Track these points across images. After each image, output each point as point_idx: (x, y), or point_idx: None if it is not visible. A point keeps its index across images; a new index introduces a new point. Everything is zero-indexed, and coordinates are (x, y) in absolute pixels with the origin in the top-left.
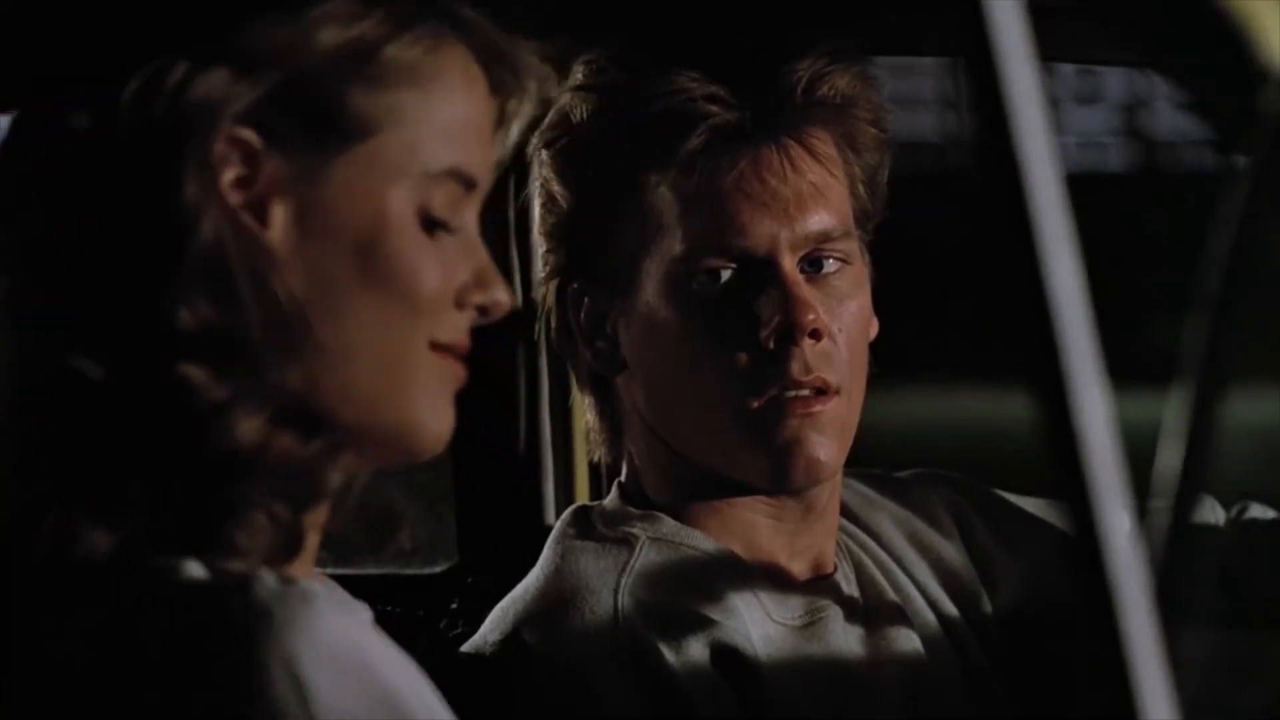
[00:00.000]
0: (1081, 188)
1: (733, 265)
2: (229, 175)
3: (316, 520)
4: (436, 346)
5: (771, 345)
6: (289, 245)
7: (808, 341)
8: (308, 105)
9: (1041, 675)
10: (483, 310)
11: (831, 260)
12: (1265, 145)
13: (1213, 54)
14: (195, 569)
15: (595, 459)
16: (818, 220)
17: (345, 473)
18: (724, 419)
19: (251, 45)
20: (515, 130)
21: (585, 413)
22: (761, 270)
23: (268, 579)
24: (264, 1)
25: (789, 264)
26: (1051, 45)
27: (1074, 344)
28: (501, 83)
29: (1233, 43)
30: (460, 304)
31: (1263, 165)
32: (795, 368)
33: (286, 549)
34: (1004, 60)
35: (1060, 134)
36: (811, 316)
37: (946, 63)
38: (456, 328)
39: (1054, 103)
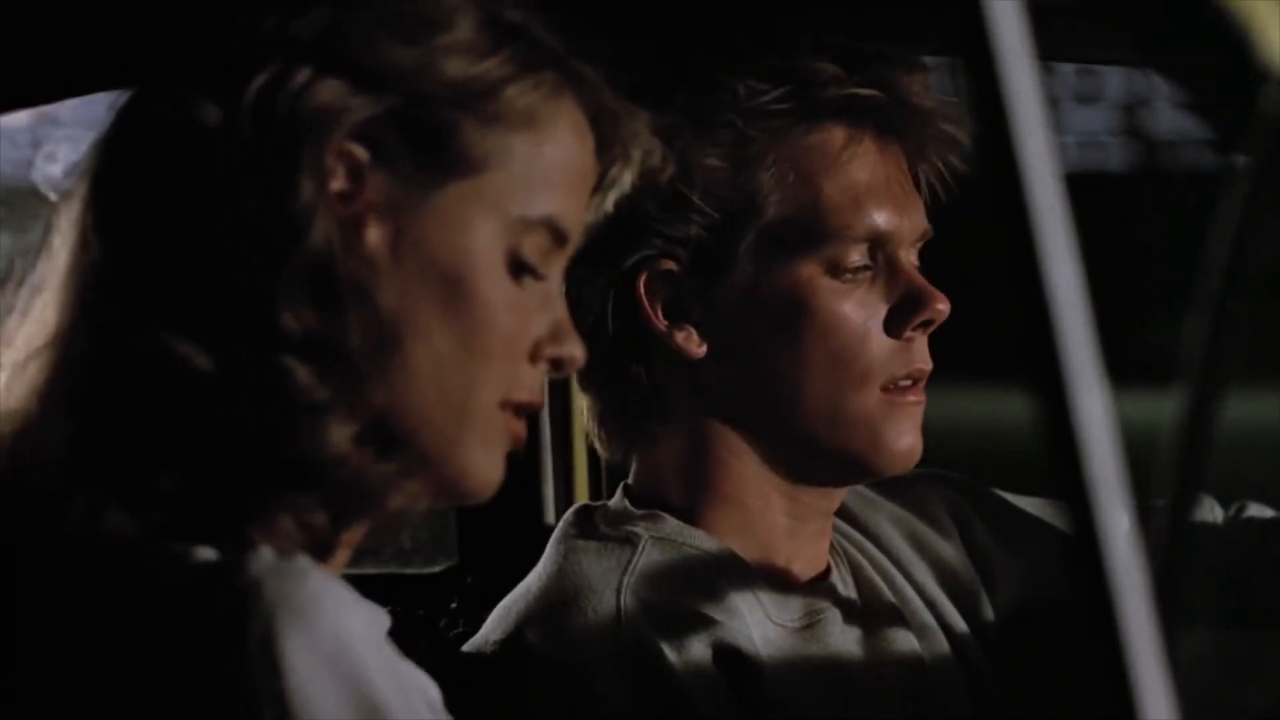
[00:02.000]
0: (1081, 187)
1: (869, 253)
2: (334, 186)
3: (352, 538)
4: (508, 405)
5: (908, 334)
6: (381, 268)
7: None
8: (421, 131)
9: (1041, 675)
10: (555, 364)
11: (917, 259)
12: (1265, 145)
13: (1213, 54)
14: (205, 552)
15: (604, 455)
16: (922, 219)
17: (405, 499)
18: (844, 402)
19: (376, 62)
20: (612, 198)
21: (598, 403)
22: (892, 260)
23: (265, 554)
24: (395, 21)
25: (909, 256)
26: (1051, 45)
27: (1074, 344)
28: (608, 145)
29: (1233, 43)
30: (535, 358)
31: (1263, 165)
32: (922, 356)
33: (316, 555)
34: (1004, 60)
35: (1060, 134)
36: (945, 308)
37: (946, 63)
38: (531, 386)
39: (1054, 103)
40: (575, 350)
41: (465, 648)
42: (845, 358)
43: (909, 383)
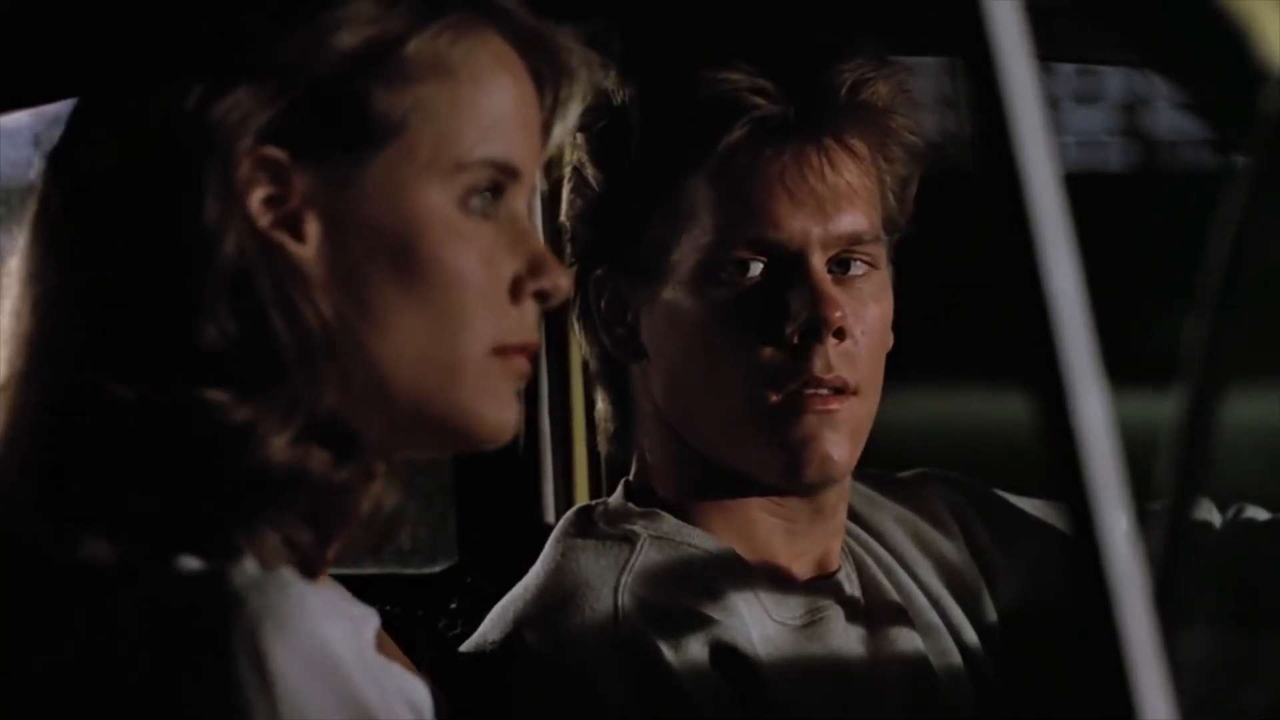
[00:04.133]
0: (1081, 187)
1: (763, 259)
2: (259, 195)
3: (338, 545)
4: (501, 350)
5: (796, 340)
6: (326, 258)
7: (831, 340)
8: (332, 113)
9: (1041, 675)
10: (542, 297)
11: (859, 263)
12: (1265, 145)
13: (1213, 54)
14: (189, 562)
15: (605, 453)
16: (850, 221)
17: (373, 501)
18: (741, 411)
19: (269, 58)
20: (572, 116)
21: (598, 403)
22: (791, 266)
23: (248, 566)
24: (278, 11)
25: (819, 262)
26: (1051, 45)
27: (1074, 344)
28: (544, 69)
29: (1233, 43)
30: (517, 296)
31: (1263, 165)
32: (818, 365)
33: (303, 571)
34: (1004, 60)
35: (1060, 134)
36: (839, 314)
37: (946, 63)
38: (521, 325)
39: (1054, 103)
40: (559, 280)
41: (463, 648)
42: (726, 367)
43: (811, 391)
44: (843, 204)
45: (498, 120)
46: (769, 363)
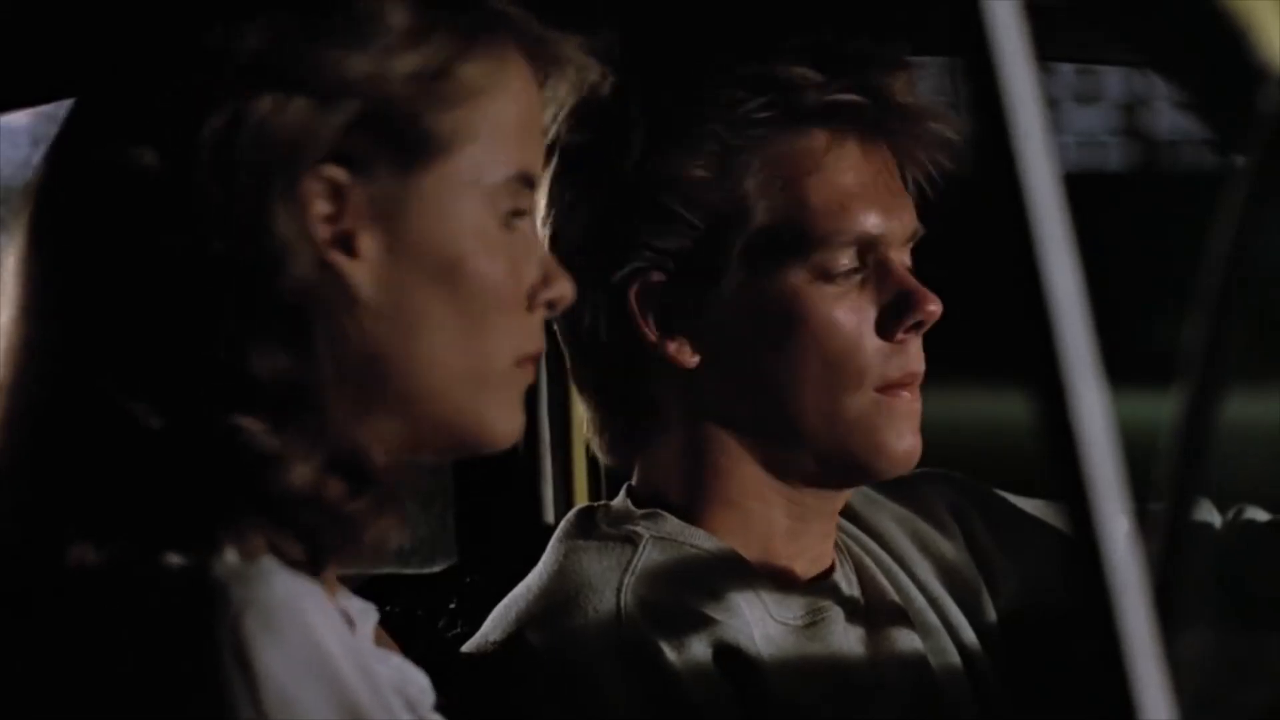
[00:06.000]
0: (1081, 187)
1: (853, 254)
2: (317, 212)
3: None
4: (521, 360)
5: (900, 336)
6: (377, 275)
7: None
8: (387, 132)
9: (1041, 676)
10: (550, 305)
11: (909, 259)
12: (1265, 145)
13: (1213, 54)
14: (171, 559)
15: (605, 463)
16: (911, 219)
17: (380, 533)
18: (840, 406)
19: (330, 76)
20: (563, 125)
21: (596, 412)
22: (882, 261)
23: (229, 556)
24: (336, 31)
25: (900, 257)
26: (1051, 45)
27: (1073, 344)
28: (545, 74)
29: (1233, 43)
30: (532, 306)
31: (1263, 165)
32: (916, 358)
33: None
34: (1003, 60)
35: (1060, 134)
36: (936, 309)
37: (946, 63)
38: (535, 334)
39: (1054, 103)
40: (566, 288)
41: (464, 648)
42: (838, 362)
43: (907, 385)
44: (906, 201)
45: (523, 134)
46: (876, 358)
